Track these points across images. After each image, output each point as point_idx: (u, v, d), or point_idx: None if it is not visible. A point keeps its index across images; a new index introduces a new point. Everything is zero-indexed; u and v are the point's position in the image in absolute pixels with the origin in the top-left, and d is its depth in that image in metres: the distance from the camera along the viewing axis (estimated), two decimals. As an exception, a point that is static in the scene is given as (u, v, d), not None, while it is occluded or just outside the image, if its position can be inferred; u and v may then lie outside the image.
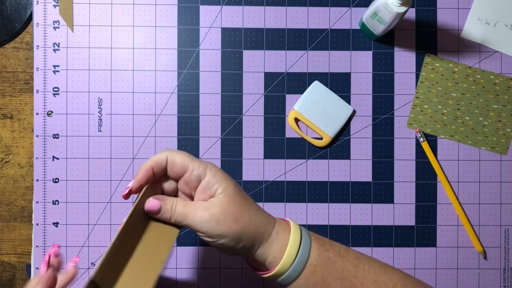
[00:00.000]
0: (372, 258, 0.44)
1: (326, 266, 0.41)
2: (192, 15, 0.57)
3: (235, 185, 0.41)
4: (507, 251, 0.57)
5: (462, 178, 0.57)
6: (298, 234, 0.41)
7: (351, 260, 0.42)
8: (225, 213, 0.39)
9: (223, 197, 0.40)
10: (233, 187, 0.40)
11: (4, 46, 0.57)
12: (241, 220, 0.39)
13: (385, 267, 0.43)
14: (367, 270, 0.42)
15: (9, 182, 0.57)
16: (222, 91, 0.57)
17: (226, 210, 0.39)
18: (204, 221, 0.39)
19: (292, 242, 0.40)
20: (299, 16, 0.58)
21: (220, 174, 0.40)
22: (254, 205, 0.41)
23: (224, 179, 0.40)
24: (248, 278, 0.57)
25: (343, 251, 0.42)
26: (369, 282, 0.41)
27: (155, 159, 0.41)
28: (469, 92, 0.57)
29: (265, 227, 0.41)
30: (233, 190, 0.40)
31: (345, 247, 0.43)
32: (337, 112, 0.57)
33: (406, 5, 0.48)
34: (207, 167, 0.40)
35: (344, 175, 0.57)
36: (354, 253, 0.43)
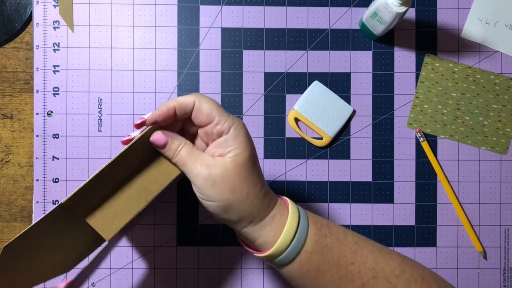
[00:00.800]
0: (371, 242, 0.42)
1: (323, 253, 0.39)
2: (192, 15, 0.57)
3: (251, 155, 0.38)
4: (507, 251, 0.57)
5: (462, 178, 0.57)
6: (295, 220, 0.39)
7: (349, 245, 0.40)
8: (224, 179, 0.37)
9: (230, 163, 0.37)
10: (246, 157, 0.38)
11: (4, 46, 0.57)
12: (236, 192, 0.37)
13: (383, 251, 0.41)
14: (365, 256, 0.40)
15: (9, 182, 0.57)
16: (222, 91, 0.57)
17: (227, 177, 0.37)
18: (200, 176, 0.37)
19: (288, 228, 0.38)
20: (299, 16, 0.58)
21: (241, 138, 0.38)
22: (259, 184, 0.39)
23: (242, 145, 0.38)
24: (248, 278, 0.57)
25: (342, 235, 0.40)
26: (367, 269, 0.39)
27: (181, 100, 0.38)
28: (469, 92, 0.57)
29: (260, 210, 0.39)
30: (244, 160, 0.37)
31: (343, 229, 0.42)
32: (337, 112, 0.57)
33: (406, 5, 0.48)
34: (233, 126, 0.38)
35: (344, 175, 0.57)
36: (352, 237, 0.41)
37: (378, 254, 0.41)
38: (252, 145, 0.39)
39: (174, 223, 0.57)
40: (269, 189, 0.41)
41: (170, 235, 0.57)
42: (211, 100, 0.39)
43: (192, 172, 0.38)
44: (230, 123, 0.38)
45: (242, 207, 0.38)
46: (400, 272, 0.40)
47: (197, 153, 0.39)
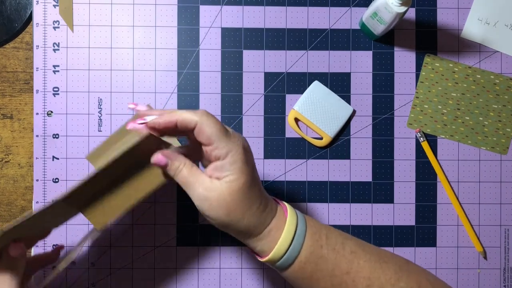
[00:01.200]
0: (371, 250, 0.43)
1: (317, 263, 0.41)
2: (192, 15, 0.57)
3: (247, 180, 0.40)
4: (507, 251, 0.57)
5: (462, 178, 0.57)
6: (291, 233, 0.41)
7: (346, 255, 0.41)
8: (220, 202, 0.39)
9: (226, 188, 0.39)
10: (242, 182, 0.39)
11: (4, 46, 0.57)
12: (232, 215, 0.39)
13: (381, 260, 0.42)
14: (361, 265, 0.41)
15: (9, 182, 0.57)
16: (222, 91, 0.57)
17: (223, 200, 0.39)
18: (199, 198, 0.40)
19: (282, 241, 0.40)
20: (299, 16, 0.58)
21: (238, 165, 0.39)
22: (256, 203, 0.40)
23: (238, 171, 0.39)
24: (248, 278, 0.57)
25: (339, 246, 0.42)
26: (361, 278, 0.41)
27: (185, 116, 0.40)
28: (469, 92, 0.57)
29: (256, 227, 0.41)
30: (240, 186, 0.39)
31: (343, 238, 0.43)
32: (337, 112, 0.57)
33: (406, 5, 0.48)
34: (230, 152, 0.39)
35: (344, 175, 0.57)
36: (351, 246, 0.42)
37: (375, 263, 0.42)
38: (249, 169, 0.40)
39: (174, 223, 0.57)
40: (268, 200, 0.42)
41: (170, 235, 0.57)
42: (213, 123, 0.39)
43: (192, 192, 0.40)
44: (228, 149, 0.39)
45: (239, 226, 0.40)
46: (396, 281, 0.41)
47: (197, 174, 0.40)
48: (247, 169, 0.40)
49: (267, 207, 0.41)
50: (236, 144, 0.40)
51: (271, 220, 0.41)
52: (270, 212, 0.41)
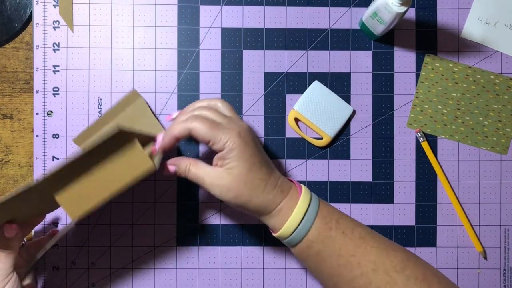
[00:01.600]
0: (380, 238, 0.45)
1: (324, 243, 0.44)
2: (192, 15, 0.57)
3: (246, 165, 0.44)
4: (507, 251, 0.57)
5: (462, 178, 0.57)
6: (301, 213, 0.44)
7: (354, 239, 0.44)
8: (228, 187, 0.44)
9: (229, 174, 0.44)
10: (241, 168, 0.43)
11: (4, 46, 0.57)
12: (240, 198, 0.44)
13: (389, 248, 0.44)
14: (368, 250, 0.44)
15: (9, 182, 0.57)
16: (222, 91, 0.57)
17: (228, 186, 0.44)
18: (210, 186, 0.44)
19: (291, 220, 0.44)
20: (299, 16, 0.58)
21: (235, 153, 0.43)
22: (260, 187, 0.44)
23: (236, 159, 0.43)
24: (248, 278, 0.57)
25: (349, 230, 0.45)
26: (367, 261, 0.43)
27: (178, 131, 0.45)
28: (469, 92, 0.57)
29: (266, 206, 0.45)
30: (240, 171, 0.43)
31: (353, 225, 0.45)
32: (337, 112, 0.57)
33: (406, 5, 0.48)
34: (226, 144, 0.43)
35: (344, 175, 0.57)
36: (360, 232, 0.45)
37: (383, 250, 0.44)
38: (247, 154, 0.44)
39: (174, 223, 0.57)
40: (278, 181, 0.46)
41: (170, 235, 0.57)
42: (202, 124, 0.44)
43: (203, 184, 0.45)
44: (223, 142, 0.43)
45: (249, 207, 0.45)
46: (402, 268, 0.43)
47: (203, 167, 0.45)
48: (245, 155, 0.44)
49: (275, 188, 0.45)
50: (231, 135, 0.44)
51: (282, 200, 0.45)
52: (280, 192, 0.45)
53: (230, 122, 0.45)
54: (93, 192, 0.43)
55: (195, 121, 0.44)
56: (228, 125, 0.44)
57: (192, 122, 0.44)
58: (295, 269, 0.57)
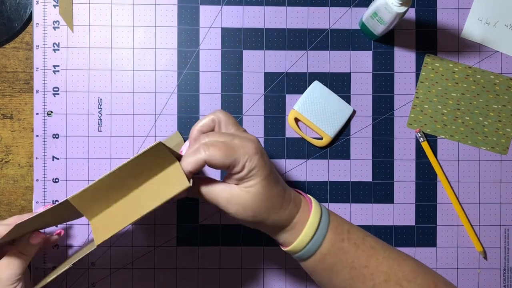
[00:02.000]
0: (389, 248, 0.45)
1: (337, 255, 0.43)
2: (192, 15, 0.57)
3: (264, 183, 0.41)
4: (507, 251, 0.57)
5: (462, 178, 0.57)
6: (314, 225, 0.43)
7: (365, 250, 0.44)
8: (243, 207, 0.41)
9: (246, 193, 0.41)
10: (261, 185, 0.41)
11: (4, 46, 0.57)
12: (258, 216, 0.42)
13: (399, 257, 0.44)
14: (380, 260, 0.43)
15: (9, 182, 0.57)
16: (222, 91, 0.57)
17: (244, 205, 0.41)
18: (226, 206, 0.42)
19: (304, 234, 0.42)
20: (299, 16, 0.58)
21: (254, 171, 0.41)
22: (278, 203, 0.42)
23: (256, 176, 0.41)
24: (248, 278, 0.57)
25: (360, 241, 0.44)
26: (379, 272, 0.43)
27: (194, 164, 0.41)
28: (469, 92, 0.57)
29: (282, 222, 0.43)
30: (259, 189, 0.41)
31: (363, 235, 0.45)
32: (337, 112, 0.57)
33: (406, 5, 0.48)
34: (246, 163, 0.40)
35: (344, 175, 0.57)
36: (371, 242, 0.44)
37: (394, 260, 0.44)
38: (266, 171, 0.42)
39: (174, 223, 0.57)
40: (291, 195, 0.44)
41: (170, 235, 0.57)
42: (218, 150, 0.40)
43: (218, 203, 0.42)
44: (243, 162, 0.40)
45: (266, 224, 0.43)
46: (413, 278, 0.43)
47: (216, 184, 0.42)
48: (264, 173, 0.41)
49: (291, 203, 0.43)
50: (249, 154, 0.41)
51: (296, 213, 0.43)
52: (294, 207, 0.43)
53: (241, 139, 0.42)
54: (124, 213, 0.41)
55: (208, 150, 0.40)
56: (242, 143, 0.41)
57: (206, 152, 0.40)
58: (295, 269, 0.57)
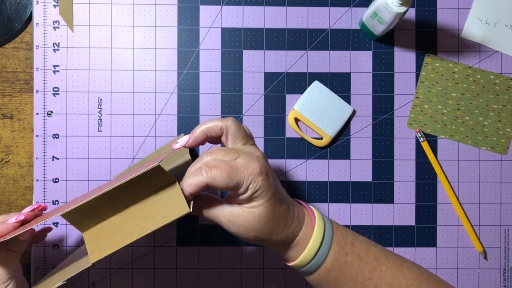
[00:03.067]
0: (393, 257, 0.45)
1: (341, 269, 0.43)
2: (192, 15, 0.57)
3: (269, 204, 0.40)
4: (507, 251, 0.57)
5: (462, 178, 0.57)
6: (318, 241, 0.42)
7: (369, 262, 0.43)
8: (245, 227, 0.41)
9: (248, 213, 0.40)
10: (264, 207, 0.40)
11: (4, 46, 0.57)
12: (261, 237, 0.41)
13: (403, 266, 0.44)
14: (384, 271, 0.43)
15: (9, 182, 0.57)
16: (222, 91, 0.57)
17: (246, 225, 0.40)
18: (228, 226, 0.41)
19: (308, 250, 0.42)
20: (299, 16, 0.58)
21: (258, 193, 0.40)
22: (281, 223, 0.42)
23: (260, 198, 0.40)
24: (248, 278, 0.57)
25: (363, 253, 0.44)
26: (384, 284, 0.43)
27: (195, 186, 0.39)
28: (469, 92, 0.57)
29: (284, 241, 0.42)
30: (263, 210, 0.40)
31: (367, 245, 0.44)
32: (337, 112, 0.57)
33: (406, 5, 0.48)
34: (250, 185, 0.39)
35: (344, 175, 0.57)
36: (374, 253, 0.44)
37: (397, 269, 0.43)
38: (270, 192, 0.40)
39: (174, 223, 0.57)
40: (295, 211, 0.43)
41: (170, 235, 0.57)
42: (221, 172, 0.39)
43: (220, 222, 0.41)
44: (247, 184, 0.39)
45: (269, 243, 0.42)
46: (417, 285, 0.43)
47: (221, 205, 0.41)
48: (269, 194, 0.40)
49: (294, 221, 0.43)
50: (253, 175, 0.40)
51: (299, 231, 0.43)
52: (297, 224, 0.43)
53: (246, 157, 0.40)
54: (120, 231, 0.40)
55: (210, 172, 0.39)
56: (246, 163, 0.40)
57: (208, 174, 0.39)
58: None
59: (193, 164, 0.42)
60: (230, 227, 0.41)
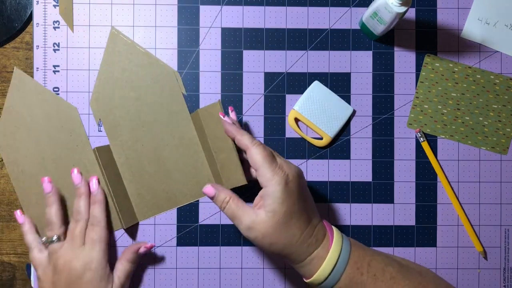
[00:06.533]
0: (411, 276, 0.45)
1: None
2: (192, 15, 0.57)
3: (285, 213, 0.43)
4: (507, 251, 0.57)
5: (462, 178, 0.57)
6: (332, 262, 0.44)
7: (385, 281, 0.44)
8: (264, 235, 0.43)
9: (267, 220, 0.43)
10: (281, 215, 0.43)
11: (4, 46, 0.57)
12: (275, 245, 0.43)
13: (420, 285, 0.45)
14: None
15: (9, 182, 0.57)
16: (222, 91, 0.57)
17: (266, 233, 0.43)
18: (246, 229, 0.44)
19: (321, 271, 0.43)
20: (299, 16, 0.58)
21: (277, 195, 0.43)
22: (296, 236, 0.43)
23: (278, 202, 0.43)
24: (248, 278, 0.57)
25: (380, 272, 0.45)
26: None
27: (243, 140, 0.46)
28: (469, 92, 0.57)
29: (298, 256, 0.44)
30: (279, 218, 0.43)
31: (384, 265, 0.45)
32: (337, 112, 0.57)
33: (406, 5, 0.48)
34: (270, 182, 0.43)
35: (344, 175, 0.57)
36: (391, 272, 0.45)
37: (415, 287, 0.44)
38: (290, 202, 0.43)
39: (174, 223, 0.57)
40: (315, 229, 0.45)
41: (170, 235, 0.57)
42: (260, 151, 0.44)
43: (239, 224, 0.44)
44: (268, 178, 0.43)
45: (281, 255, 0.44)
46: None
47: (243, 207, 0.45)
48: (287, 203, 0.43)
49: (311, 237, 0.44)
50: (278, 176, 0.43)
51: (314, 250, 0.44)
52: (314, 242, 0.44)
53: (283, 163, 0.45)
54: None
55: (257, 144, 0.45)
56: (281, 165, 0.44)
57: (254, 143, 0.45)
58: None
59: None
60: (248, 231, 0.43)
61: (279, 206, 0.43)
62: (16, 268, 0.57)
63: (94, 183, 0.53)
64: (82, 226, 0.51)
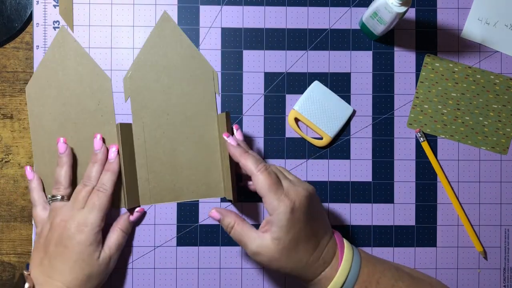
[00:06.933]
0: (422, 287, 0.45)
1: None
2: (192, 15, 0.57)
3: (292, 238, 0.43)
4: (507, 251, 0.57)
5: (462, 178, 0.57)
6: (341, 281, 0.44)
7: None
8: (270, 259, 0.43)
9: (273, 247, 0.43)
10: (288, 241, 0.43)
11: (4, 46, 0.57)
12: (282, 270, 0.44)
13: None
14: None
15: (9, 182, 0.57)
16: (222, 91, 0.57)
17: (270, 257, 0.43)
18: (252, 253, 0.44)
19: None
20: (299, 16, 0.58)
21: (283, 223, 0.43)
22: (304, 259, 0.44)
23: (284, 230, 0.43)
24: (248, 278, 0.57)
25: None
26: None
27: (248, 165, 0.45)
28: (469, 92, 0.57)
29: (307, 276, 0.44)
30: (286, 244, 0.43)
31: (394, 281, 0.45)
32: (337, 112, 0.57)
33: (406, 5, 0.48)
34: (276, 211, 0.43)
35: (344, 175, 0.57)
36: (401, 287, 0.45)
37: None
38: (297, 228, 0.43)
39: (174, 223, 0.57)
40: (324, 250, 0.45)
41: (170, 235, 0.57)
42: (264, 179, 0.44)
43: (246, 250, 0.45)
44: (274, 207, 0.43)
45: (291, 275, 0.45)
46: None
47: (248, 232, 0.45)
48: (294, 230, 0.43)
49: (319, 260, 0.44)
50: (284, 204, 0.43)
51: (323, 270, 0.44)
52: (322, 264, 0.45)
53: (290, 187, 0.44)
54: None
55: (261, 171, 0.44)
56: (287, 192, 0.44)
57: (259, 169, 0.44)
58: (295, 269, 0.57)
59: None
60: (254, 255, 0.44)
61: (285, 234, 0.43)
62: (16, 268, 0.57)
63: (113, 151, 0.53)
64: (87, 191, 0.51)
